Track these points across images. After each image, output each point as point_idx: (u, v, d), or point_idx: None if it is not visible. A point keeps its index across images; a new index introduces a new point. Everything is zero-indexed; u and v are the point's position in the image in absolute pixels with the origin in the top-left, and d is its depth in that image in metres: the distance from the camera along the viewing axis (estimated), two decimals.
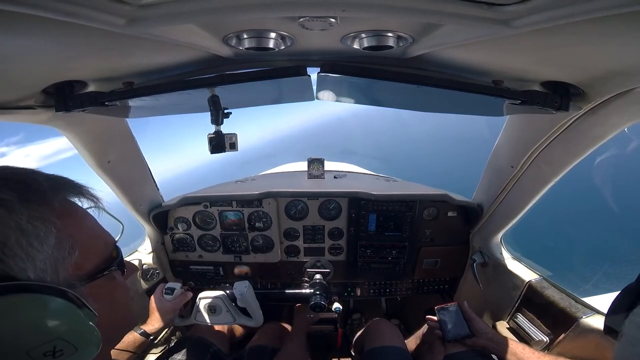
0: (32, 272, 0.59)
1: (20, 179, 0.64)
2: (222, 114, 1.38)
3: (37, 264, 0.60)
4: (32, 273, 0.59)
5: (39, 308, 0.59)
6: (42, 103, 1.26)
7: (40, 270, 0.60)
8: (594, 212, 12.73)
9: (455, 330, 1.82)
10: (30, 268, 0.59)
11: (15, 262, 0.58)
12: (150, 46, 1.02)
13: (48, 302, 0.60)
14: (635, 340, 0.75)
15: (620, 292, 0.98)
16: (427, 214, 2.52)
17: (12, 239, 0.58)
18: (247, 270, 2.73)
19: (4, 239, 0.57)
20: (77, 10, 0.64)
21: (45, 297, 0.59)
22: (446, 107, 1.66)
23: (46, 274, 0.61)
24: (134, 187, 2.17)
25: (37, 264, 0.60)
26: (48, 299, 0.60)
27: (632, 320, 0.80)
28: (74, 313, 0.63)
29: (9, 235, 0.58)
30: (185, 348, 1.90)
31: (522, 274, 2.07)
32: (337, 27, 0.88)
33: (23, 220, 0.59)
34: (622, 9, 0.61)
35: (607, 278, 9.89)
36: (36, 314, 0.58)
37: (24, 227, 0.59)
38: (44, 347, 0.59)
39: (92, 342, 0.65)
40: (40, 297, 0.59)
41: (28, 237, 0.60)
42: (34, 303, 0.58)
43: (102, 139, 1.74)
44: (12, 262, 0.57)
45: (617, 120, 1.28)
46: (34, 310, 0.58)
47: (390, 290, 2.83)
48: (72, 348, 0.62)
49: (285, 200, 2.54)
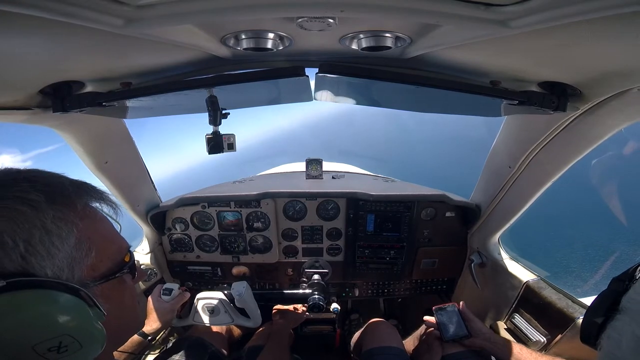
0: (50, 269, 0.63)
1: (47, 182, 0.67)
2: (220, 114, 1.38)
3: (55, 262, 0.64)
4: (49, 270, 0.63)
5: (50, 303, 0.61)
6: (39, 104, 1.26)
7: (58, 268, 0.64)
8: (592, 212, 12.77)
9: (453, 331, 1.82)
10: (49, 266, 0.63)
11: (37, 260, 0.61)
12: (148, 47, 1.01)
13: (60, 298, 0.62)
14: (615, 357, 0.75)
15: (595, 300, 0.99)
16: (425, 214, 2.52)
17: (36, 237, 0.61)
18: (245, 270, 2.73)
19: (28, 237, 0.60)
20: (74, 11, 0.64)
21: (58, 294, 0.62)
22: (444, 108, 1.66)
23: (63, 272, 0.65)
24: (131, 188, 2.16)
25: (56, 262, 0.64)
26: (60, 295, 0.63)
27: (610, 336, 0.79)
28: (84, 311, 0.66)
29: (33, 234, 0.61)
30: (183, 349, 1.89)
31: (520, 274, 2.08)
32: (336, 28, 0.88)
33: (48, 220, 0.63)
34: (619, 9, 0.61)
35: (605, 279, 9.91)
36: (47, 309, 0.61)
37: (48, 226, 0.63)
38: (50, 342, 0.61)
39: (97, 341, 0.67)
40: (53, 293, 0.62)
41: (51, 236, 0.63)
42: (46, 298, 0.61)
43: (100, 140, 1.73)
44: (34, 260, 0.61)
45: (614, 120, 1.29)
46: (45, 305, 0.61)
47: (388, 290, 2.83)
48: (77, 345, 0.64)
49: (283, 201, 2.54)
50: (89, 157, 1.72)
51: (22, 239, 0.59)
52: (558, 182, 1.67)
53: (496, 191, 2.04)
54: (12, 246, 0.59)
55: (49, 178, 0.69)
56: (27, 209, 0.61)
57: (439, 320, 1.89)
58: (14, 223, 0.59)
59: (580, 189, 12.28)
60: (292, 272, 2.76)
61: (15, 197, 0.61)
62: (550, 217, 11.73)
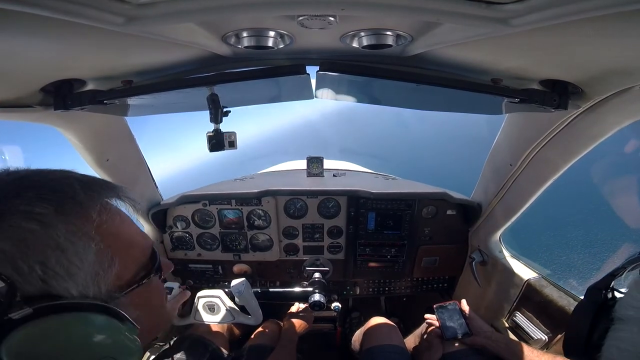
0: (75, 289, 0.59)
1: (54, 187, 0.61)
2: (221, 112, 1.38)
3: (78, 281, 0.59)
4: (74, 290, 0.59)
5: (84, 327, 0.59)
6: (40, 101, 1.26)
7: (82, 286, 0.60)
8: (594, 211, 12.73)
9: (454, 329, 1.82)
10: (72, 286, 0.58)
11: (57, 282, 0.57)
12: (149, 45, 1.01)
13: (92, 320, 0.59)
14: None
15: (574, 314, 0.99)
16: (426, 212, 2.52)
17: (52, 259, 0.56)
18: (246, 268, 2.74)
19: (43, 259, 0.55)
20: (75, 9, 0.64)
21: (90, 315, 0.59)
22: (445, 106, 1.66)
23: (89, 290, 0.61)
24: (132, 186, 2.16)
25: (79, 281, 0.59)
26: (92, 317, 0.60)
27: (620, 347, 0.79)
28: (117, 328, 0.63)
29: (48, 255, 0.56)
30: (183, 348, 1.89)
31: (521, 272, 2.08)
32: (337, 26, 0.88)
33: (61, 238, 0.57)
34: (620, 7, 0.61)
35: None
36: (82, 333, 0.58)
37: (62, 245, 0.57)
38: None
39: (134, 354, 0.65)
40: (85, 316, 0.59)
41: (67, 254, 0.58)
42: (79, 322, 0.58)
43: (101, 138, 1.74)
44: (55, 282, 0.56)
45: (616, 118, 1.29)
46: (80, 329, 0.58)
47: (389, 288, 2.84)
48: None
49: (284, 199, 2.54)
50: (90, 155, 1.72)
51: (37, 262, 0.55)
52: (560, 180, 1.67)
53: (497, 189, 2.04)
54: (28, 271, 0.54)
55: (56, 181, 0.63)
56: (36, 227, 0.55)
57: (440, 318, 1.89)
58: (24, 246, 0.54)
59: (582, 187, 12.24)
60: (292, 270, 2.76)
61: (21, 213, 0.55)
62: (551, 216, 11.70)
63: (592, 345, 0.92)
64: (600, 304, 0.96)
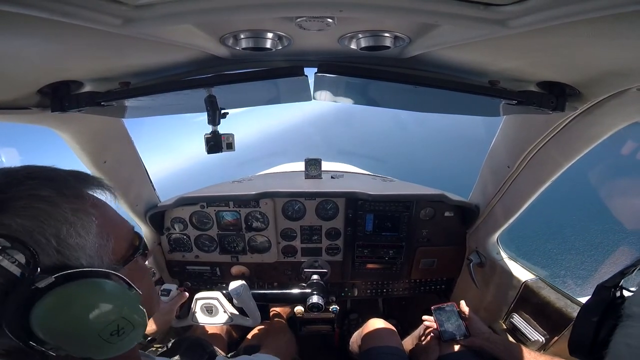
0: (84, 259, 0.65)
1: (48, 176, 0.67)
2: (219, 114, 1.38)
3: (87, 252, 0.66)
4: (84, 261, 0.65)
5: (101, 291, 0.65)
6: (37, 103, 1.25)
7: (90, 257, 0.66)
8: (592, 212, 12.75)
9: (451, 331, 1.82)
10: (82, 256, 0.65)
11: (70, 252, 0.63)
12: (147, 46, 1.01)
13: (106, 285, 0.66)
14: None
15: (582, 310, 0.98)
16: (423, 214, 2.52)
17: (63, 231, 0.62)
18: (244, 270, 2.73)
19: (57, 232, 0.62)
20: (73, 11, 0.63)
21: (103, 281, 0.66)
22: (443, 107, 1.66)
23: (95, 260, 0.67)
24: (130, 187, 2.16)
25: (87, 252, 0.66)
26: (105, 282, 0.66)
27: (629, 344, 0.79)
28: (127, 293, 0.69)
29: (60, 228, 0.62)
30: (182, 350, 1.88)
31: (519, 274, 2.08)
32: (335, 28, 0.88)
33: (69, 214, 0.64)
34: (617, 9, 0.61)
35: None
36: (100, 297, 0.64)
37: (70, 219, 0.64)
38: (111, 326, 0.64)
39: (143, 320, 0.71)
40: (99, 281, 0.65)
41: (76, 227, 0.64)
42: (95, 287, 0.64)
43: (99, 139, 1.73)
44: (68, 253, 0.63)
45: (613, 120, 1.29)
46: (97, 293, 0.64)
47: (387, 290, 2.84)
48: (130, 326, 0.67)
49: (282, 201, 2.53)
50: (87, 157, 1.71)
51: (52, 235, 0.61)
52: (557, 181, 1.68)
53: (495, 191, 2.04)
54: (45, 243, 0.60)
55: (47, 172, 0.69)
56: (45, 206, 0.62)
57: (437, 320, 1.89)
58: (39, 221, 0.60)
59: (579, 188, 12.28)
60: (290, 271, 2.76)
61: (29, 196, 0.62)
62: (550, 216, 11.72)
63: (599, 342, 0.92)
64: (609, 302, 0.96)
